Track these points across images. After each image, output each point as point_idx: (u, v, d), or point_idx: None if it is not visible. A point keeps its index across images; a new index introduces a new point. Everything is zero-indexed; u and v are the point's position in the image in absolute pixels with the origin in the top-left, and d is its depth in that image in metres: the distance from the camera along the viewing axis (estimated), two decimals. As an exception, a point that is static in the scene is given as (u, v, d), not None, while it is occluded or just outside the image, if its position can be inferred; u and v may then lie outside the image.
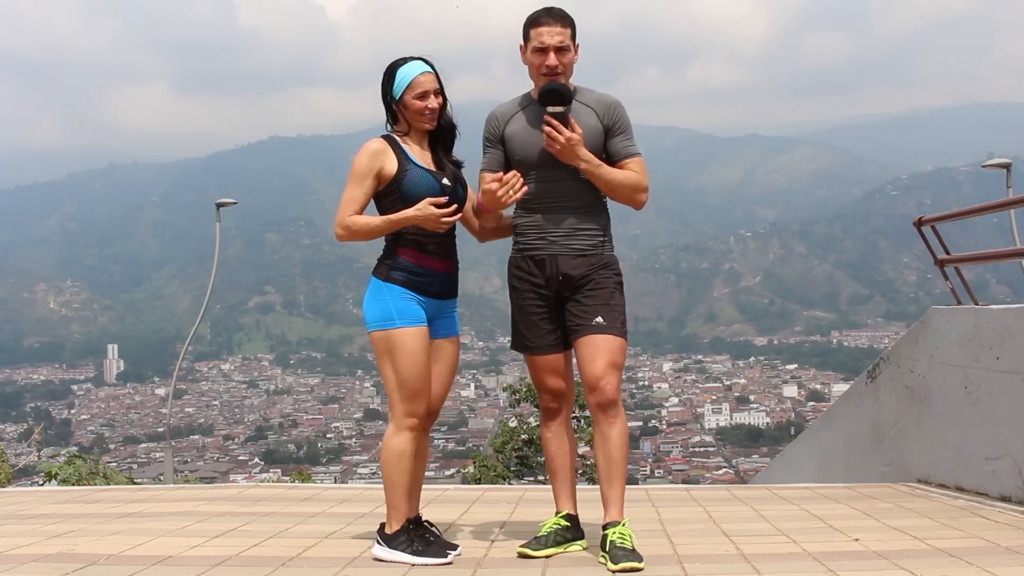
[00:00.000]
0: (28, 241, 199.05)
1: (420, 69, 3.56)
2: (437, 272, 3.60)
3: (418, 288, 3.55)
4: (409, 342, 3.48)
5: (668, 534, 4.02)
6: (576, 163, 3.51)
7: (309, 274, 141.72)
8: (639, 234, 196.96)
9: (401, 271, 3.54)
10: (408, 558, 3.45)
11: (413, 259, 3.55)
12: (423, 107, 3.56)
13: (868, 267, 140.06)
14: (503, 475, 15.78)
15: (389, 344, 3.49)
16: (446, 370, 3.70)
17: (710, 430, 72.31)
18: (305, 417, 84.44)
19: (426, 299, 3.57)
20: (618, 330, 3.54)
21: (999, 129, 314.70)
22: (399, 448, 3.49)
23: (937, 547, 3.65)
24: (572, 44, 3.56)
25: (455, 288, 3.68)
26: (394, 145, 3.60)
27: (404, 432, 3.50)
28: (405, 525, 3.51)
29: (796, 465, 7.80)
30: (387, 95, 3.61)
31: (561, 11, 3.56)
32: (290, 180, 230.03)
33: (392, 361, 3.49)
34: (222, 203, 21.70)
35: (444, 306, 3.66)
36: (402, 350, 3.48)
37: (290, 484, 8.50)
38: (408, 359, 3.47)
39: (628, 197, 3.61)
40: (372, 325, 3.53)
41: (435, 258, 3.59)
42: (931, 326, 5.53)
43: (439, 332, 3.66)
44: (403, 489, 3.50)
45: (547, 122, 3.49)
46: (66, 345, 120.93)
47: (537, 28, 3.53)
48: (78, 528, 4.48)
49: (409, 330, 3.49)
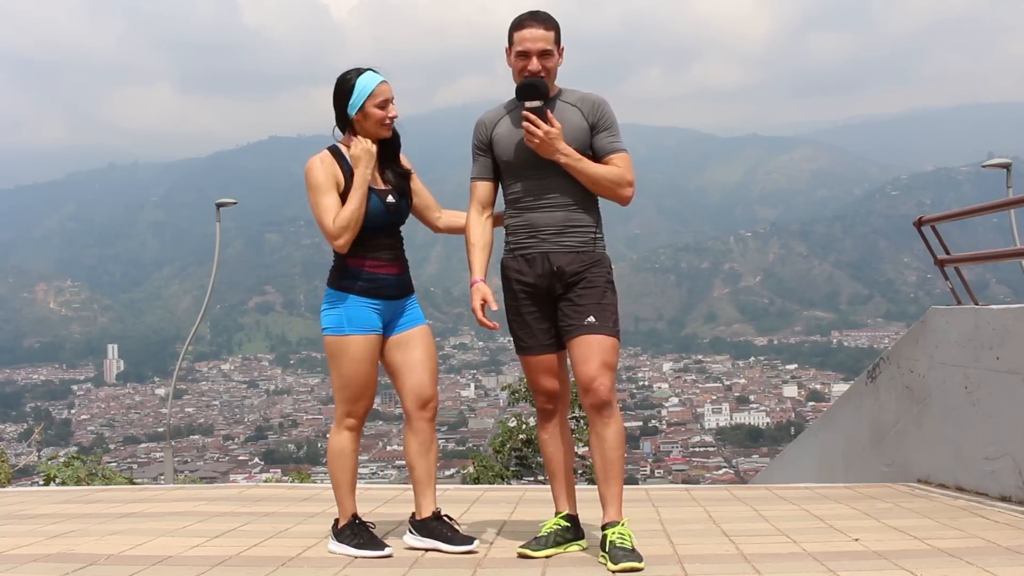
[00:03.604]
0: (28, 241, 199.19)
1: (379, 79, 3.66)
2: (388, 276, 3.70)
3: (371, 293, 3.66)
4: (354, 349, 3.63)
5: (668, 534, 4.02)
6: (556, 157, 3.51)
7: (309, 274, 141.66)
8: (639, 234, 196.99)
9: (352, 279, 3.66)
10: (351, 551, 3.64)
11: (361, 266, 3.66)
12: (384, 116, 3.66)
13: (868, 267, 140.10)
14: (502, 475, 15.76)
15: (337, 349, 3.65)
16: (422, 356, 3.76)
17: (710, 430, 72.29)
18: (305, 417, 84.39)
19: (382, 302, 3.69)
20: (610, 329, 3.53)
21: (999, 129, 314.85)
22: (338, 447, 3.69)
23: (937, 547, 3.65)
24: (556, 48, 3.57)
25: (409, 287, 3.81)
26: (339, 159, 3.68)
27: (343, 431, 3.69)
28: (351, 520, 3.70)
29: (796, 465, 7.80)
30: (342, 106, 3.68)
31: (546, 15, 3.57)
32: (290, 180, 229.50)
33: (338, 365, 3.65)
34: (222, 203, 21.71)
35: (401, 305, 3.76)
36: (347, 355, 3.63)
37: (290, 484, 8.49)
38: (352, 364, 3.63)
39: (611, 191, 3.59)
40: (325, 331, 3.69)
41: (384, 263, 3.69)
42: (931, 326, 5.53)
43: (403, 326, 3.76)
44: (346, 486, 3.70)
45: (525, 117, 3.50)
46: (66, 345, 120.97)
47: (520, 32, 3.54)
48: (78, 528, 4.48)
49: (357, 338, 3.63)
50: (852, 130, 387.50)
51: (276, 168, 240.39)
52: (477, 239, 3.69)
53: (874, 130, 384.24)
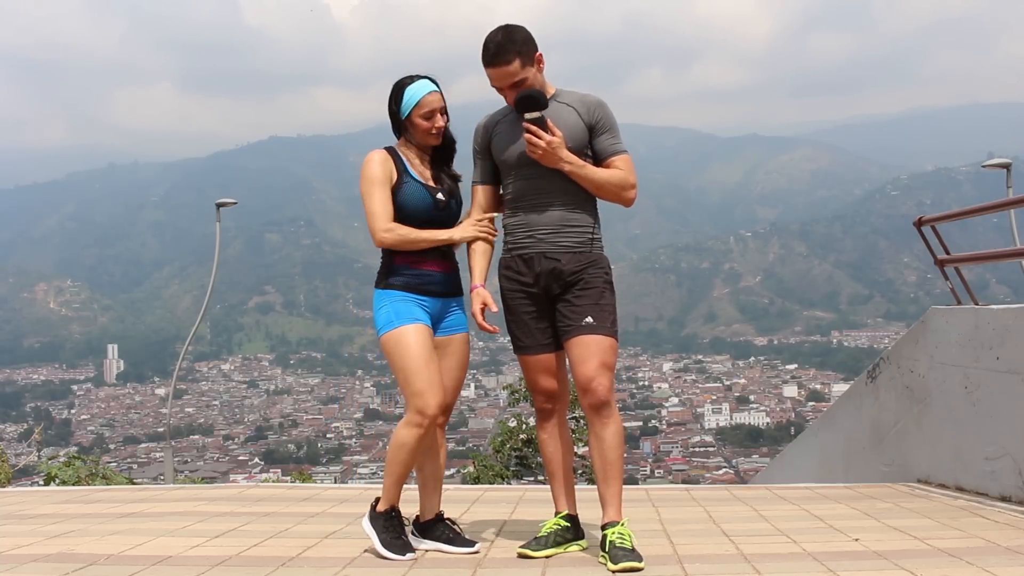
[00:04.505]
0: (28, 241, 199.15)
1: (427, 89, 3.64)
2: (434, 272, 3.67)
3: (418, 290, 3.63)
4: (408, 338, 3.54)
5: (668, 534, 4.02)
6: (559, 166, 3.50)
7: (309, 274, 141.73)
8: (639, 234, 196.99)
9: (398, 276, 3.64)
10: (375, 542, 3.60)
11: (409, 263, 3.64)
12: (430, 127, 3.65)
13: (868, 267, 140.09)
14: (502, 475, 15.76)
15: (392, 345, 3.57)
16: (455, 365, 3.74)
17: (710, 430, 72.30)
18: (305, 417, 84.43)
19: (429, 299, 3.65)
20: (608, 330, 3.53)
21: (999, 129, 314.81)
22: (399, 440, 3.56)
23: (937, 547, 3.65)
24: (530, 67, 3.51)
25: (458, 286, 3.76)
26: (395, 157, 3.70)
27: (410, 428, 3.53)
28: (388, 510, 3.62)
29: (796, 465, 7.80)
30: (394, 112, 3.69)
31: (504, 45, 3.45)
32: (290, 180, 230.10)
33: (397, 360, 3.56)
34: (222, 203, 21.70)
35: (448, 304, 3.72)
36: (402, 346, 3.54)
37: (290, 484, 8.50)
38: (409, 354, 3.53)
39: (615, 195, 3.60)
40: (379, 331, 3.62)
41: (430, 259, 3.66)
42: (931, 326, 5.53)
43: (446, 329, 3.72)
44: (396, 477, 3.59)
45: (526, 129, 3.48)
46: (66, 345, 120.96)
47: (488, 70, 3.52)
48: (78, 528, 4.48)
49: (408, 327, 3.56)
50: (852, 130, 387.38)
51: (276, 168, 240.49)
52: (477, 243, 3.69)
53: (874, 130, 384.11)
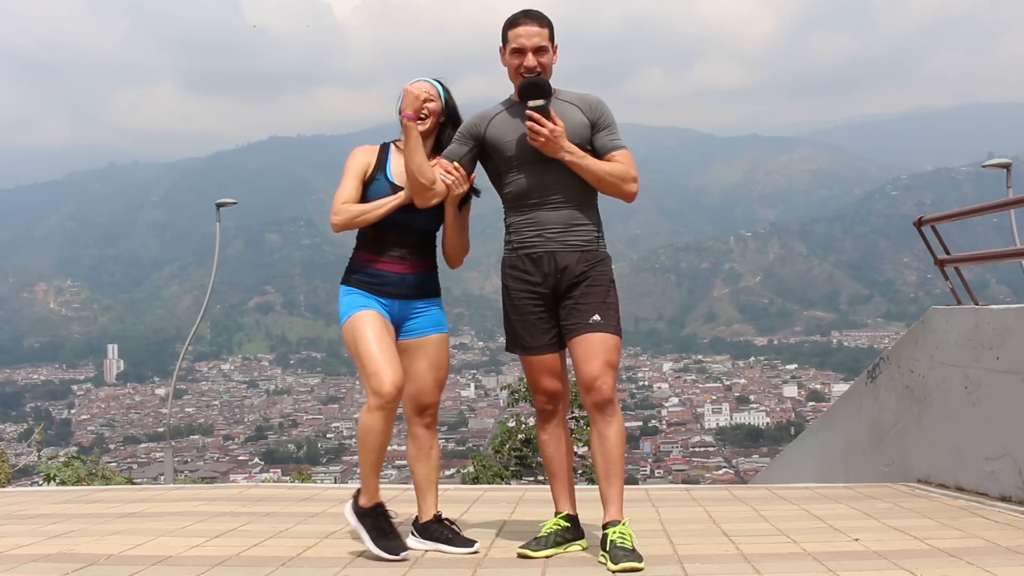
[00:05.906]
0: (28, 241, 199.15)
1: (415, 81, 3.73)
2: (389, 273, 3.68)
3: (374, 289, 3.67)
4: (361, 324, 3.59)
5: (668, 534, 4.02)
6: (560, 155, 3.51)
7: (309, 274, 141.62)
8: (639, 234, 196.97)
9: (355, 273, 3.71)
10: (367, 540, 3.56)
11: (367, 262, 3.69)
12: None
13: (868, 267, 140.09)
14: (501, 475, 15.75)
15: (348, 334, 3.63)
16: (433, 365, 3.74)
17: (710, 430, 72.28)
18: (305, 417, 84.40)
19: (386, 299, 3.68)
20: (614, 328, 3.54)
21: (999, 129, 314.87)
22: (364, 426, 3.55)
23: (937, 547, 3.65)
24: (550, 45, 3.59)
25: (427, 288, 3.75)
26: (382, 153, 3.77)
27: (372, 411, 3.52)
28: (373, 507, 3.59)
29: (796, 465, 7.80)
30: None
31: (539, 12, 3.60)
32: (290, 180, 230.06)
33: (352, 347, 3.61)
34: (222, 203, 21.73)
35: (413, 306, 3.72)
36: (356, 332, 3.59)
37: (290, 484, 8.49)
38: (362, 338, 3.56)
39: (616, 188, 3.59)
40: (341, 324, 3.69)
41: (390, 260, 3.68)
42: (931, 326, 5.53)
43: (416, 331, 3.73)
44: (370, 466, 3.56)
45: (529, 116, 3.50)
46: (66, 345, 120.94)
47: (515, 29, 3.56)
48: (78, 528, 4.47)
49: (358, 313, 3.61)
50: (852, 130, 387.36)
51: (276, 168, 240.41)
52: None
53: (874, 130, 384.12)
